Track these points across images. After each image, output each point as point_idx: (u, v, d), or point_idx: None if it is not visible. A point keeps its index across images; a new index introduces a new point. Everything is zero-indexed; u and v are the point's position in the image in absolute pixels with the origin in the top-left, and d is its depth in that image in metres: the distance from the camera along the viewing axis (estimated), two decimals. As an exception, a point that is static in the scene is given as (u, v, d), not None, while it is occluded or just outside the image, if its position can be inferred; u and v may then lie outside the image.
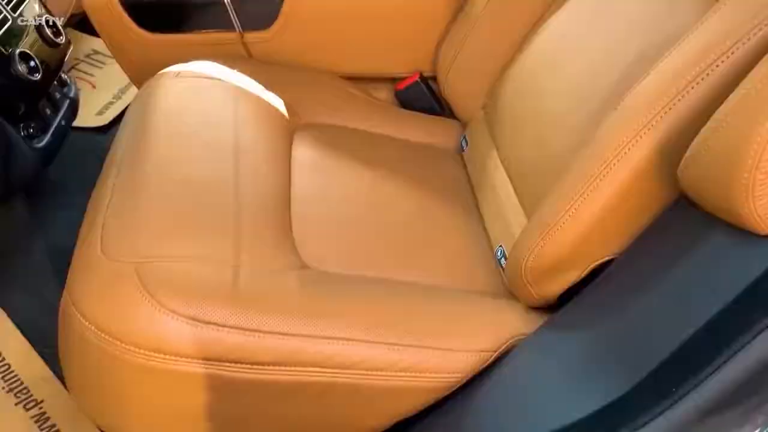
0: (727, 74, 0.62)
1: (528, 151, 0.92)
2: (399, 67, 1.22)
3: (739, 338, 0.53)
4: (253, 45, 1.18)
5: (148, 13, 1.17)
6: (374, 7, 1.16)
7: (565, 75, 0.90)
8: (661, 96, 0.65)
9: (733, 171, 0.54)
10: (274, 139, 0.99)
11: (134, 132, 0.95)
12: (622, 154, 0.66)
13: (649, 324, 0.60)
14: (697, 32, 0.67)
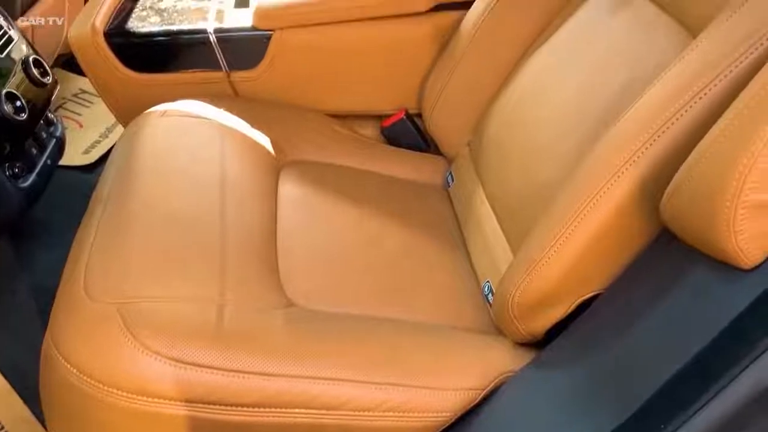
0: (706, 109, 0.63)
1: (513, 186, 0.93)
2: (384, 104, 1.23)
3: (726, 373, 0.53)
4: (240, 84, 1.19)
5: (135, 53, 1.18)
6: (359, 45, 1.17)
7: (550, 108, 0.91)
8: (642, 131, 0.66)
9: (714, 205, 0.54)
10: (260, 177, 0.99)
11: (120, 170, 0.95)
12: (605, 189, 0.67)
13: (636, 360, 0.60)
14: (678, 67, 0.68)
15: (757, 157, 0.51)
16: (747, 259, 0.55)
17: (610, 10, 0.90)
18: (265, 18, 1.15)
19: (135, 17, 1.21)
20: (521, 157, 0.93)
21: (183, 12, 1.22)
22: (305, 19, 1.15)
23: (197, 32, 1.16)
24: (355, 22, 1.16)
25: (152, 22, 1.19)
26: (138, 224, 0.83)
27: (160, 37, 1.17)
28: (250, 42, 1.17)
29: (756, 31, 0.62)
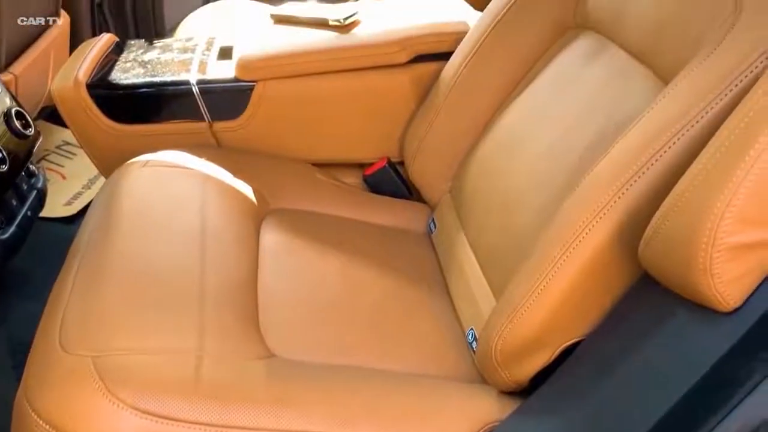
0: (680, 154, 0.64)
1: (494, 232, 0.93)
2: (367, 152, 1.24)
3: (710, 419, 0.53)
4: (222, 134, 1.20)
5: (118, 104, 1.19)
6: (341, 95, 1.19)
7: (527, 157, 0.92)
8: (618, 177, 0.67)
9: (690, 249, 0.54)
10: (241, 226, 0.99)
11: (99, 221, 0.95)
12: (583, 235, 0.67)
13: (619, 407, 0.59)
14: (651, 114, 0.69)
15: (730, 201, 0.52)
16: (726, 303, 0.55)
17: (584, 60, 0.92)
18: (248, 69, 1.16)
19: (118, 69, 1.22)
20: (501, 204, 0.93)
21: (166, 64, 1.24)
22: (288, 70, 1.17)
23: (180, 83, 1.17)
24: (337, 73, 1.18)
25: (135, 74, 1.20)
26: (115, 275, 0.82)
27: (143, 88, 1.18)
28: (233, 93, 1.18)
29: (724, 79, 0.63)
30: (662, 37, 0.79)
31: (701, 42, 0.71)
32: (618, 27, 0.88)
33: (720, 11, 0.70)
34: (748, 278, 0.55)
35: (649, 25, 0.82)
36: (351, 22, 1.22)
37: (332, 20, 1.21)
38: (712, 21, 0.71)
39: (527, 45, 1.02)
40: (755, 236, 0.53)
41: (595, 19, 0.93)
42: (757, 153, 0.51)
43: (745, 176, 0.51)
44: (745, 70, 0.62)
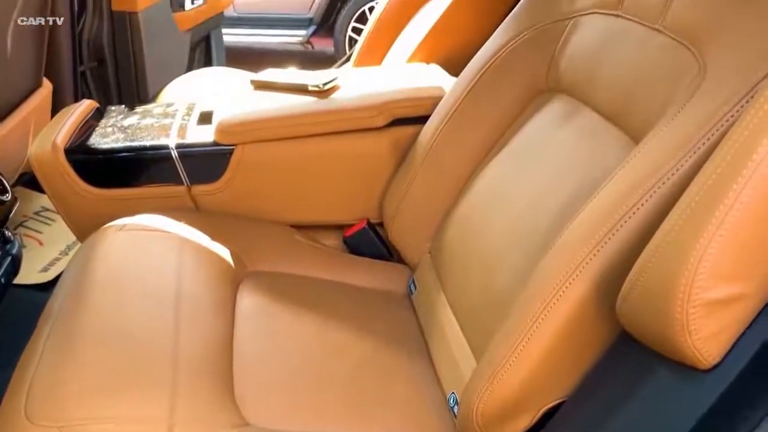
0: (652, 212, 0.65)
1: (474, 293, 0.92)
2: (346, 214, 1.24)
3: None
4: (201, 197, 1.20)
5: (96, 169, 1.18)
6: (321, 158, 1.20)
7: (504, 217, 0.92)
8: (592, 234, 0.67)
9: (666, 305, 0.54)
10: (217, 289, 0.97)
11: (71, 286, 0.93)
12: (560, 293, 0.67)
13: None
14: (622, 173, 0.70)
15: (702, 256, 0.52)
16: (704, 360, 0.54)
17: (558, 122, 0.94)
18: (227, 133, 1.17)
19: (97, 134, 1.23)
20: (480, 265, 0.93)
21: (146, 129, 1.24)
22: (267, 134, 1.18)
23: (159, 148, 1.18)
24: (316, 136, 1.19)
25: (114, 139, 1.21)
26: (85, 342, 0.80)
27: (122, 152, 1.18)
28: (212, 156, 1.18)
29: (692, 137, 0.65)
30: (632, 98, 0.81)
31: (669, 102, 0.73)
32: (589, 90, 0.90)
33: (686, 73, 0.73)
34: (725, 334, 0.55)
35: (619, 88, 0.84)
36: (330, 87, 1.24)
37: (312, 86, 1.23)
38: (678, 82, 0.73)
39: (501, 108, 1.04)
40: (730, 291, 0.53)
41: (566, 83, 0.96)
42: (726, 208, 0.52)
43: (716, 231, 0.52)
44: (711, 129, 0.64)
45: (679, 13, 0.77)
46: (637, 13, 0.85)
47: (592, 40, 0.92)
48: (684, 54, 0.74)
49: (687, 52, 0.74)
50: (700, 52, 0.72)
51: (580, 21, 0.95)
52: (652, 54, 0.80)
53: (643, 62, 0.81)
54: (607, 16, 0.90)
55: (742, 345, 0.55)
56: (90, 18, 1.96)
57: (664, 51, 0.77)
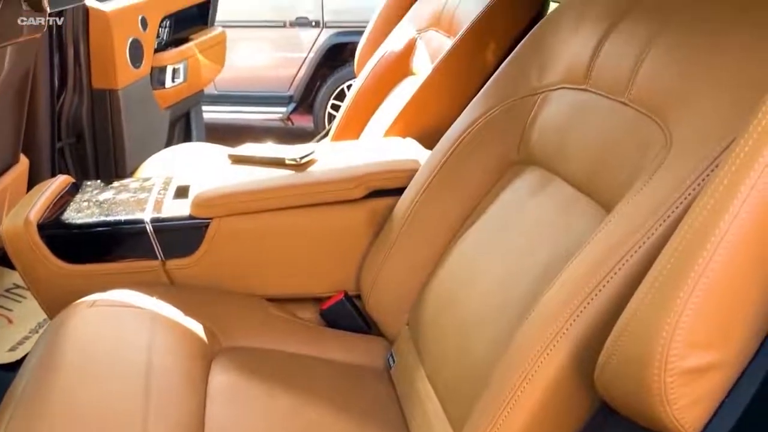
0: (625, 281, 0.65)
1: (452, 365, 0.91)
2: (323, 287, 1.23)
3: None
4: (175, 272, 1.18)
5: (69, 244, 1.17)
6: (297, 231, 1.20)
7: (480, 288, 0.92)
8: (567, 304, 0.67)
9: (643, 375, 0.53)
10: (189, 367, 0.95)
11: (38, 365, 0.90)
12: (538, 364, 0.66)
13: None
14: (595, 242, 0.71)
15: (677, 325, 0.52)
16: (685, 429, 0.53)
17: (530, 193, 0.95)
18: (203, 207, 1.17)
19: (71, 209, 1.22)
20: (457, 336, 0.92)
21: (122, 203, 1.24)
22: (243, 207, 1.18)
23: (134, 222, 1.17)
24: (292, 209, 1.19)
25: (89, 214, 1.20)
26: (50, 425, 0.76)
27: (95, 227, 1.17)
28: (187, 230, 1.17)
29: (661, 206, 0.66)
30: (601, 169, 0.82)
31: (638, 172, 0.74)
32: (560, 162, 0.92)
33: (653, 144, 0.74)
34: (705, 402, 0.54)
35: (589, 159, 0.85)
36: (307, 161, 1.25)
37: (289, 159, 1.24)
38: (646, 153, 0.75)
39: (475, 180, 1.06)
40: (707, 359, 0.53)
41: (538, 155, 0.98)
42: (697, 275, 0.52)
43: (688, 299, 0.51)
44: (680, 197, 0.65)
45: (643, 87, 0.80)
46: (603, 87, 0.87)
47: (561, 114, 0.94)
48: (650, 126, 0.76)
49: (653, 124, 0.76)
50: (666, 123, 0.74)
51: (549, 96, 0.98)
52: (619, 126, 0.82)
53: (610, 134, 0.83)
54: (575, 91, 0.93)
55: (723, 413, 0.54)
56: (70, 95, 1.98)
57: (631, 123, 0.80)
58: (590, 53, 0.91)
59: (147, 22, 2.12)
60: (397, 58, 1.82)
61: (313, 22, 4.01)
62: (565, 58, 0.97)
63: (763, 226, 0.51)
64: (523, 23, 1.44)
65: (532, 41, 1.07)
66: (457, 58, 1.47)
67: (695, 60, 0.74)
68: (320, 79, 4.13)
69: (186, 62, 2.37)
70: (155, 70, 2.23)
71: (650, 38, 0.81)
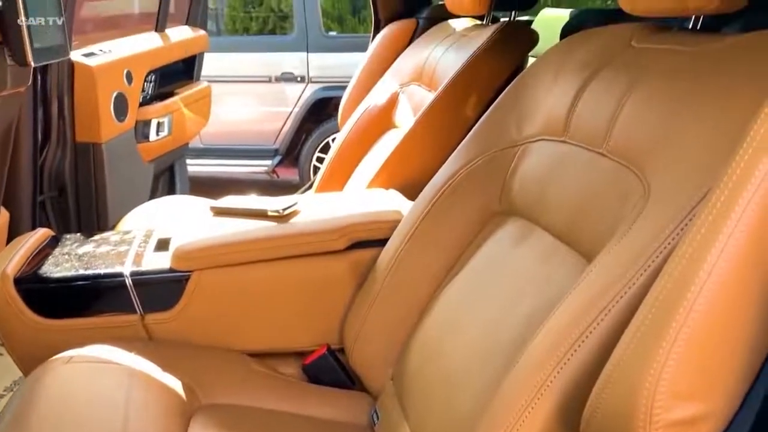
0: (608, 331, 0.65)
1: (437, 420, 0.89)
2: (305, 341, 1.21)
3: None
4: (154, 326, 1.16)
5: (46, 298, 1.15)
6: (279, 283, 1.18)
7: (465, 340, 0.91)
8: (550, 356, 0.66)
9: (628, 429, 0.52)
10: (167, 425, 0.92)
11: (12, 423, 0.87)
12: (523, 417, 0.65)
13: None
14: (576, 293, 0.70)
15: (660, 376, 0.51)
16: (674, 485, 0.52)
17: (512, 244, 0.95)
18: (183, 259, 1.16)
19: (50, 263, 1.20)
20: (441, 389, 0.90)
21: (101, 256, 1.22)
22: (225, 259, 1.17)
23: (113, 276, 1.15)
24: (275, 261, 1.18)
25: (67, 267, 1.18)
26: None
27: (73, 281, 1.15)
28: (167, 284, 1.16)
29: (642, 255, 0.66)
30: (581, 219, 0.83)
31: (618, 222, 0.74)
32: (541, 212, 0.92)
33: (631, 194, 0.75)
34: (692, 457, 0.53)
35: (569, 210, 0.86)
36: (290, 212, 1.25)
37: (271, 211, 1.24)
38: (625, 203, 0.75)
39: (457, 231, 1.06)
40: (693, 410, 0.52)
41: (519, 206, 0.98)
42: (678, 325, 0.51)
43: (670, 349, 0.51)
44: (660, 246, 0.65)
45: (620, 138, 0.81)
46: (582, 139, 0.89)
47: (541, 166, 0.95)
48: (628, 176, 0.77)
49: (631, 174, 0.76)
50: (643, 173, 0.74)
51: (529, 147, 0.99)
52: (598, 177, 0.83)
53: (590, 185, 0.83)
54: (555, 143, 0.94)
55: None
56: (53, 148, 1.97)
57: (610, 173, 0.80)
58: (568, 106, 0.92)
59: (132, 76, 2.14)
60: (380, 111, 1.84)
61: (299, 78, 4.07)
62: (543, 111, 0.98)
63: (741, 274, 0.51)
64: (502, 77, 1.47)
65: (512, 94, 1.09)
66: (438, 111, 1.50)
67: (670, 112, 0.75)
68: (305, 132, 4.18)
69: (171, 116, 2.39)
70: (140, 123, 2.24)
71: (626, 91, 0.83)
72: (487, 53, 1.47)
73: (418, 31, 2.10)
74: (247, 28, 4.56)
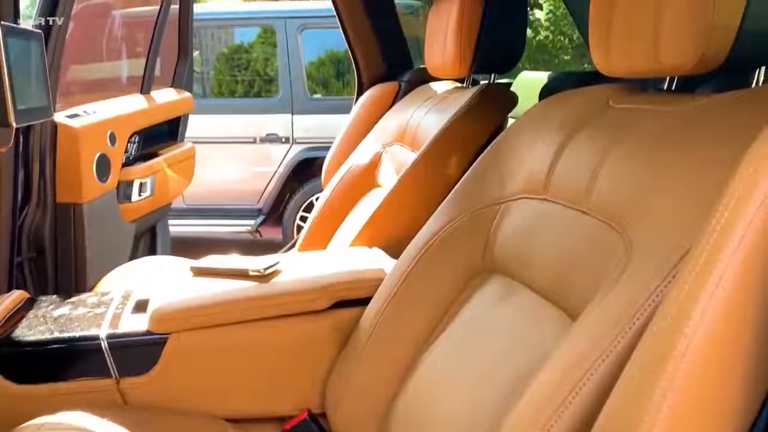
0: (596, 390, 0.63)
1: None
2: (286, 405, 1.17)
3: None
4: (129, 391, 1.12)
5: (17, 363, 1.11)
6: (259, 345, 1.16)
7: (450, 402, 0.89)
8: (537, 418, 0.64)
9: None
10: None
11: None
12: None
13: None
14: (562, 352, 0.69)
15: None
16: None
17: (496, 302, 0.95)
18: (161, 321, 1.13)
19: (24, 326, 1.17)
20: (426, 454, 0.88)
21: (77, 319, 1.19)
22: (203, 321, 1.14)
23: (88, 339, 1.12)
24: (255, 321, 1.16)
25: (41, 330, 1.15)
26: None
27: (47, 345, 1.12)
28: (144, 346, 1.13)
29: (625, 314, 0.65)
30: (565, 277, 0.82)
31: (601, 280, 0.74)
32: (524, 270, 0.92)
33: (614, 252, 0.75)
34: None
35: (552, 268, 0.85)
36: (271, 271, 1.23)
37: (252, 270, 1.22)
38: (608, 261, 0.75)
39: (441, 289, 1.05)
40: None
41: (502, 264, 0.98)
42: (666, 383, 0.50)
43: (656, 415, 0.50)
44: (643, 304, 0.64)
45: (601, 197, 0.82)
46: (563, 197, 0.89)
47: (523, 223, 0.95)
48: (610, 234, 0.77)
49: (613, 232, 0.76)
50: (625, 231, 0.74)
51: (510, 206, 1.00)
52: (580, 235, 0.82)
53: (572, 243, 0.83)
54: (536, 201, 0.95)
55: None
56: (33, 209, 1.95)
57: (592, 231, 0.80)
58: (548, 164, 0.93)
59: (116, 137, 2.15)
60: (363, 170, 1.85)
61: (283, 138, 4.12)
62: (524, 169, 0.99)
63: (724, 335, 0.50)
64: (483, 137, 1.49)
65: (493, 153, 1.10)
66: (421, 170, 1.51)
67: (649, 170, 0.76)
68: (290, 191, 4.19)
69: (154, 176, 2.38)
70: (122, 184, 2.23)
71: (605, 150, 0.84)
72: (468, 114, 1.50)
73: (400, 94, 2.14)
74: (233, 91, 4.63)
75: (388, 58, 2.29)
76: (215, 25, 4.53)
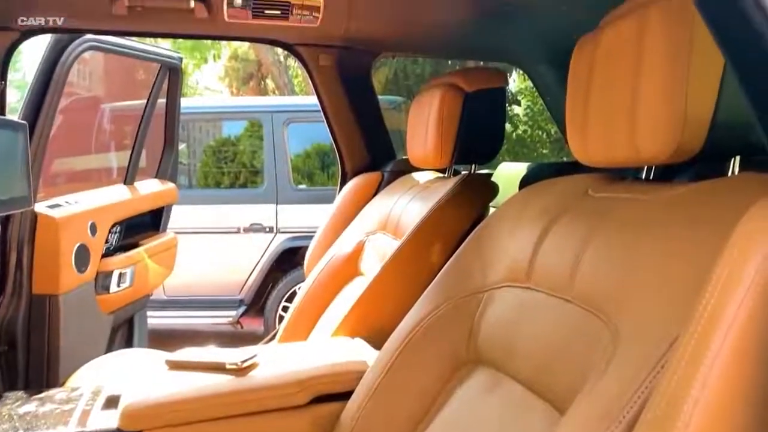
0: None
1: None
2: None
3: None
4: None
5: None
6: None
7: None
8: None
9: None
10: None
11: None
12: None
13: None
14: None
15: None
16: None
17: (482, 394, 0.92)
18: (132, 418, 1.08)
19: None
20: None
21: (44, 416, 1.13)
22: (178, 417, 1.09)
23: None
24: (232, 418, 1.11)
25: (5, 429, 1.09)
26: None
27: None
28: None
29: (614, 406, 0.63)
30: (551, 368, 0.80)
31: (588, 370, 0.72)
32: (509, 362, 0.89)
33: (599, 341, 0.73)
34: None
35: (537, 358, 0.83)
36: (249, 364, 1.19)
37: (229, 363, 1.18)
38: (594, 350, 0.73)
39: (425, 382, 1.01)
40: None
41: (487, 355, 0.95)
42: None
43: None
44: (633, 396, 0.62)
45: (584, 285, 0.80)
46: (546, 285, 0.88)
47: (507, 312, 0.94)
48: (595, 322, 0.75)
49: (597, 321, 0.75)
50: (610, 319, 0.73)
51: (494, 294, 0.98)
52: (565, 323, 0.81)
53: (557, 332, 0.82)
54: (519, 289, 0.93)
55: None
56: (7, 300, 1.90)
57: (576, 320, 0.79)
58: (530, 252, 0.92)
59: (96, 228, 2.13)
60: (346, 259, 1.84)
61: (267, 228, 4.11)
62: (506, 258, 0.98)
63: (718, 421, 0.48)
64: (465, 226, 1.49)
65: (475, 242, 1.10)
66: (404, 259, 1.50)
67: (629, 258, 0.75)
68: (272, 281, 4.15)
69: (134, 267, 2.35)
70: (101, 274, 2.19)
71: (586, 238, 0.83)
72: (450, 203, 1.50)
73: (383, 184, 2.15)
74: (219, 182, 4.66)
75: (372, 150, 2.33)
76: (203, 118, 4.62)
